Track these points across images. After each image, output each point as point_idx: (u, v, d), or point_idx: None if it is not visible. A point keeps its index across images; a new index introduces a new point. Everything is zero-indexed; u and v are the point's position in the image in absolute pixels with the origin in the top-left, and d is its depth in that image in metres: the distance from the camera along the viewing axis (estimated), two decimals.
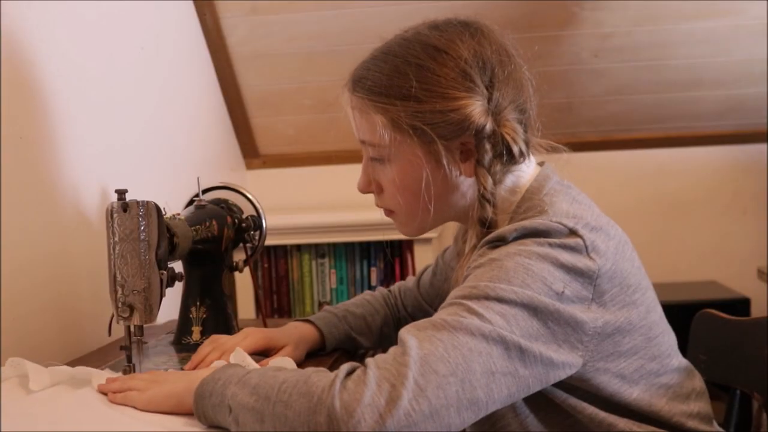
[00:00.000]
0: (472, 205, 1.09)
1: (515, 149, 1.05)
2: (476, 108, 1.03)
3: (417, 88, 1.04)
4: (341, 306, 1.38)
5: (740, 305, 2.35)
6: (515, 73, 1.07)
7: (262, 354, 1.24)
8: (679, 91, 2.49)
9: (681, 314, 1.13)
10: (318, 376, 0.87)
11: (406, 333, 0.89)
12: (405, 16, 2.17)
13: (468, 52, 1.04)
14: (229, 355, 1.18)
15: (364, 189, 1.16)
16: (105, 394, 1.08)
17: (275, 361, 1.18)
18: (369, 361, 0.87)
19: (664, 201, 2.65)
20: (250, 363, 1.11)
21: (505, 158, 1.06)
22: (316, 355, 1.31)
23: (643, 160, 2.65)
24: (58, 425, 0.97)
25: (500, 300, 0.91)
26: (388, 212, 1.16)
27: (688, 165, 2.64)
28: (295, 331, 1.28)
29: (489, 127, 1.04)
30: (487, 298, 0.91)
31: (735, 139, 2.61)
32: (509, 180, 1.08)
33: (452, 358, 0.85)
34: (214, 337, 1.27)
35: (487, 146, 1.04)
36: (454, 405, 0.84)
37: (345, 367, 0.87)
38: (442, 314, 0.91)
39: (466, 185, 1.09)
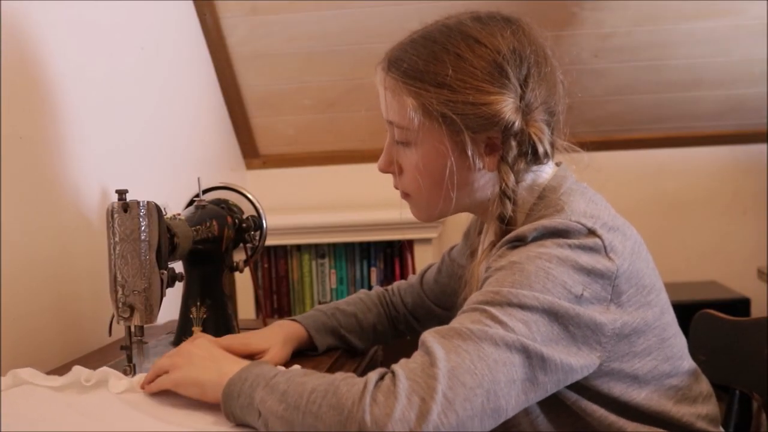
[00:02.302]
0: (489, 199, 1.09)
1: (540, 149, 1.06)
2: (508, 105, 1.04)
3: (452, 77, 1.04)
4: (332, 304, 1.38)
5: (740, 305, 2.35)
6: (550, 74, 1.08)
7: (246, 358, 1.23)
8: (679, 91, 2.49)
9: (681, 314, 1.13)
10: (347, 385, 0.87)
11: (432, 340, 0.89)
12: (405, 16, 2.18)
13: (507, 48, 1.05)
14: None
15: (385, 169, 1.15)
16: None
17: None
18: (398, 370, 0.86)
19: (664, 201, 2.65)
20: None
21: (529, 157, 1.06)
22: (314, 355, 1.31)
23: (643, 160, 2.65)
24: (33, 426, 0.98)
25: (522, 306, 0.91)
26: (405, 195, 1.16)
27: (688, 165, 2.64)
28: (280, 331, 1.27)
29: (518, 125, 1.04)
30: (510, 304, 0.91)
31: (735, 139, 2.61)
32: (529, 177, 1.09)
33: (479, 370, 0.86)
34: (199, 333, 1.28)
35: (513, 143, 1.05)
36: (479, 415, 0.85)
37: (373, 376, 0.87)
38: (465, 321, 0.91)
39: (486, 178, 1.09)
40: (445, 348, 0.87)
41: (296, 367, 1.13)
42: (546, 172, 1.10)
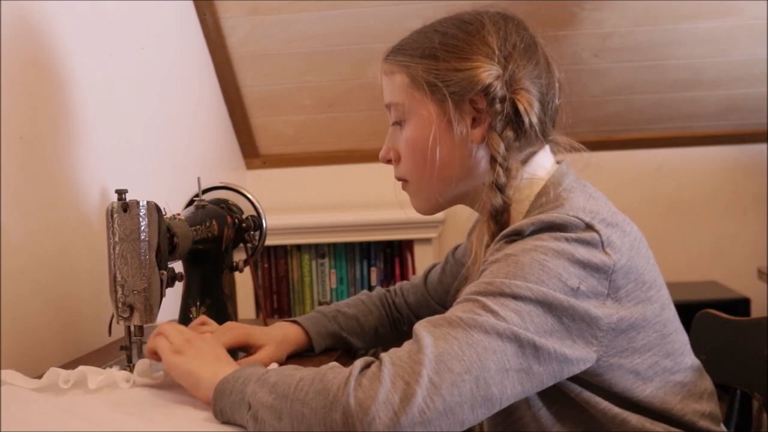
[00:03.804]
0: (483, 186, 1.09)
1: (526, 120, 1.07)
2: (489, 71, 1.06)
3: (438, 49, 1.09)
4: (333, 306, 1.38)
5: (740, 305, 2.35)
6: (537, 55, 1.10)
7: (241, 350, 1.24)
8: (679, 91, 2.49)
9: (681, 314, 1.13)
10: (333, 372, 0.88)
11: (422, 329, 0.89)
12: (405, 16, 2.18)
13: (492, 26, 1.09)
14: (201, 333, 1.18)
15: (383, 156, 1.18)
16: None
17: None
18: (384, 356, 0.87)
19: (664, 201, 2.65)
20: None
21: (516, 128, 1.07)
22: (312, 356, 1.30)
23: (643, 160, 2.65)
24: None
25: (515, 297, 0.91)
26: (403, 184, 1.17)
27: (688, 165, 2.64)
28: (279, 332, 1.28)
29: (500, 91, 1.06)
30: (503, 294, 0.91)
31: (735, 139, 2.61)
32: (528, 171, 1.09)
33: (467, 356, 0.86)
34: (203, 318, 1.30)
35: (498, 107, 1.06)
36: (468, 402, 0.85)
37: (359, 362, 0.88)
38: (457, 311, 0.91)
39: (477, 158, 1.09)
40: (433, 335, 0.87)
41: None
42: (545, 167, 1.10)
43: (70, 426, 0.98)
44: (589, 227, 0.97)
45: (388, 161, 1.18)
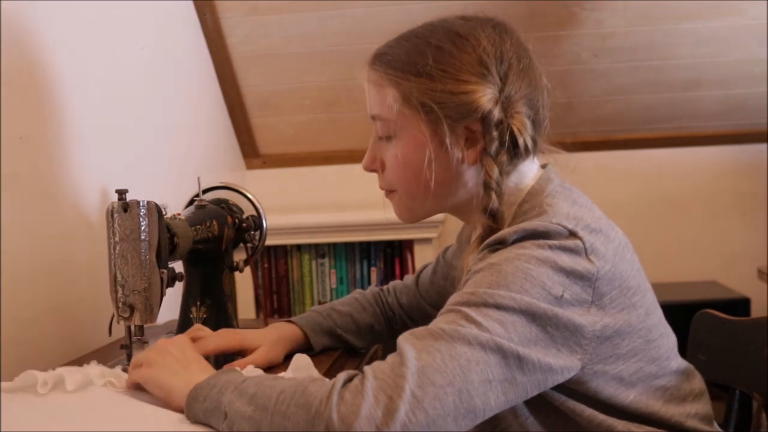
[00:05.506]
0: (473, 199, 1.09)
1: (521, 142, 1.05)
2: (486, 95, 1.04)
3: (432, 67, 1.05)
4: (327, 305, 1.38)
5: (740, 305, 2.35)
6: (531, 71, 1.09)
7: (234, 355, 1.24)
8: (679, 91, 2.49)
9: (681, 314, 1.13)
10: (315, 385, 0.87)
11: (405, 342, 0.89)
12: (405, 16, 2.18)
13: (488, 43, 1.06)
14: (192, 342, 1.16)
15: (368, 166, 1.16)
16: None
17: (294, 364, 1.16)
18: (367, 370, 0.86)
19: (664, 201, 2.65)
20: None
21: (511, 151, 1.06)
22: (312, 355, 1.30)
23: (643, 160, 2.65)
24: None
25: (498, 307, 0.90)
26: (388, 193, 1.16)
27: (688, 165, 2.64)
28: (275, 332, 1.28)
29: (497, 115, 1.04)
30: (486, 305, 0.91)
31: (735, 139, 2.61)
32: (513, 179, 1.08)
33: (449, 369, 0.85)
34: (198, 326, 1.30)
35: (494, 134, 1.05)
36: (451, 414, 0.84)
37: (342, 376, 0.87)
38: (440, 322, 0.91)
39: (469, 176, 1.09)
40: (416, 348, 0.87)
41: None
42: (530, 174, 1.10)
43: (50, 427, 0.96)
44: (572, 234, 0.97)
45: (373, 170, 1.16)
